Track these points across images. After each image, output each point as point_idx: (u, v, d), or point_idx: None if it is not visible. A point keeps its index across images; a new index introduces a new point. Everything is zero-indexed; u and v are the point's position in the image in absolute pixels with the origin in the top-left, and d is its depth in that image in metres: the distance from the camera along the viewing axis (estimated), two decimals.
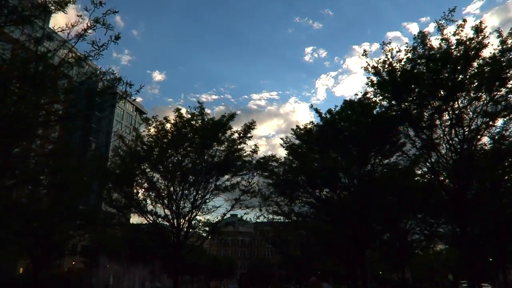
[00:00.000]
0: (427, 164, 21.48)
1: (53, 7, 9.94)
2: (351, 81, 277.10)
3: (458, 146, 19.47)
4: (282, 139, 27.33)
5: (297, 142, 26.32)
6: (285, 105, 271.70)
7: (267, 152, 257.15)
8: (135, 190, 24.14)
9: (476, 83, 18.27)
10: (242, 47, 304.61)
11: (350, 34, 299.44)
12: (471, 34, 17.86)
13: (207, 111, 23.64)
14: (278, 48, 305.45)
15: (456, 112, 19.03)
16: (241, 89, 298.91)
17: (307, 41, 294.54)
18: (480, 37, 17.65)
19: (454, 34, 18.04)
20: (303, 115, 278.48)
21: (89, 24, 9.65)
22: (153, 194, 23.66)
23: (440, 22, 18.27)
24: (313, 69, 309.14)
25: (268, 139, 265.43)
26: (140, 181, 24.09)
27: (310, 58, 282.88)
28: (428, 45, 18.48)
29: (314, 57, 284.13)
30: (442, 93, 18.71)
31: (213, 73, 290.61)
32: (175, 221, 23.23)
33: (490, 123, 19.13)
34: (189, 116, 23.58)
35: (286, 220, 32.82)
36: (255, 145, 24.67)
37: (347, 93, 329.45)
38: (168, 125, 23.50)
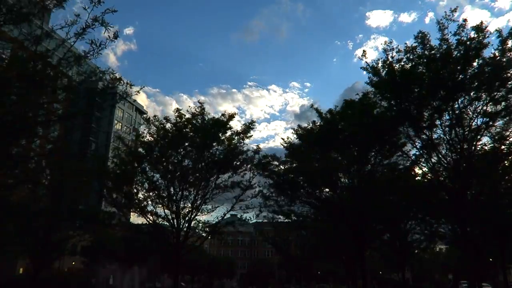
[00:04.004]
0: (427, 164, 21.48)
1: (51, 5, 9.93)
2: (374, 44, 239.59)
3: (458, 146, 19.46)
4: (283, 139, 27.30)
5: (296, 141, 26.34)
6: (290, 80, 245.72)
7: (269, 140, 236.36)
8: (135, 190, 24.13)
9: (476, 83, 18.26)
10: None
11: None
12: (472, 34, 17.86)
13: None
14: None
15: (456, 112, 19.02)
16: (237, 59, 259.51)
17: None
18: (481, 37, 17.63)
19: (455, 34, 18.04)
20: (311, 95, 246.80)
21: (87, 23, 9.64)
22: (153, 194, 23.65)
23: (441, 21, 18.28)
24: (326, 30, 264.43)
25: (270, 122, 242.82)
26: (140, 181, 24.07)
27: (321, 16, 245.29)
28: (428, 45, 18.47)
29: (326, 12, 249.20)
30: (442, 93, 18.70)
31: (199, 34, 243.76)
32: (175, 221, 23.22)
33: (490, 123, 19.12)
34: (189, 116, 23.59)
35: (286, 220, 32.80)
36: (257, 146, 24.77)
37: (369, 60, 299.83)
38: (168, 125, 23.51)
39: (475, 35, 17.70)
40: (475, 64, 18.14)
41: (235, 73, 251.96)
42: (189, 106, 29.08)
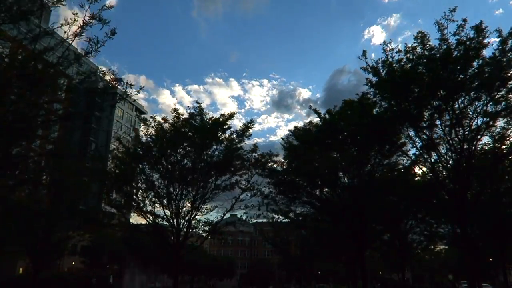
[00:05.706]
0: (427, 164, 21.47)
1: (50, 2, 9.90)
2: (385, 23, 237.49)
3: (458, 146, 19.44)
4: (282, 138, 27.28)
5: (295, 142, 26.30)
6: (294, 68, 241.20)
7: (269, 134, 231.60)
8: (134, 190, 24.09)
9: (476, 83, 18.25)
10: None
11: None
12: (471, 34, 17.83)
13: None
14: None
15: (456, 112, 19.00)
16: (234, 41, 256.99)
17: None
18: (481, 37, 17.62)
19: (454, 34, 18.02)
20: (317, 82, 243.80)
21: (85, 21, 9.63)
22: (152, 194, 23.60)
23: (440, 22, 18.27)
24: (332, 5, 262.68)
25: (271, 114, 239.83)
26: (139, 181, 24.03)
27: None
28: (428, 45, 18.46)
29: None
30: (442, 93, 18.68)
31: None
32: (174, 221, 23.18)
33: (490, 123, 19.11)
34: (188, 115, 23.56)
35: (286, 220, 32.81)
36: (254, 144, 24.68)
37: (379, 41, 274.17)
38: (166, 125, 23.47)
39: (475, 35, 17.67)
40: (475, 64, 18.12)
41: (231, 60, 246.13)
42: (188, 106, 28.96)
